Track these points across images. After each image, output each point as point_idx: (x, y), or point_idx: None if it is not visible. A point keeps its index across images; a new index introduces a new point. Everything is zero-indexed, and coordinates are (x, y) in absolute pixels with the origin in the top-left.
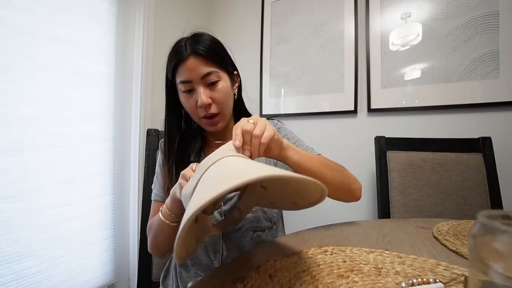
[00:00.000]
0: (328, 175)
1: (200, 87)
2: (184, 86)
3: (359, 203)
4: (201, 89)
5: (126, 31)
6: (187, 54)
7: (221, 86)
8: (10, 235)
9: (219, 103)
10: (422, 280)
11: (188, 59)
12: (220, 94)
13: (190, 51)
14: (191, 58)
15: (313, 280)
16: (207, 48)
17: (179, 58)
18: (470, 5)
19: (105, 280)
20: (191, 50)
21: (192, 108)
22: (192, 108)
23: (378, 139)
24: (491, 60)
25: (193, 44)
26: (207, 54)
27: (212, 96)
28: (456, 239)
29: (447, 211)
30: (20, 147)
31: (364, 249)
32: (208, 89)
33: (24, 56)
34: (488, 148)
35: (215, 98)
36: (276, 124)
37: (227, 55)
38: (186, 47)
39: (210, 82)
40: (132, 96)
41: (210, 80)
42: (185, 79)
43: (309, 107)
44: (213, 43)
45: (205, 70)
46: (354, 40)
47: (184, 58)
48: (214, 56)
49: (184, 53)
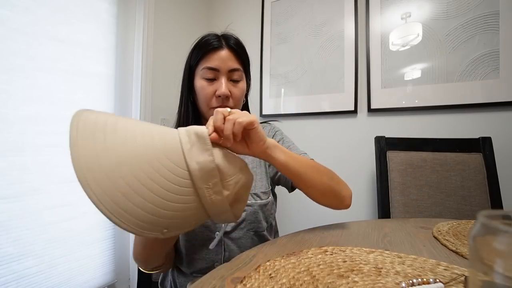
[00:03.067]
0: (316, 177)
1: (224, 78)
2: (209, 72)
3: (359, 203)
4: (223, 80)
5: (126, 31)
6: (222, 44)
7: (241, 86)
8: (10, 235)
9: (236, 99)
10: (422, 280)
11: (222, 49)
12: (239, 91)
13: (225, 43)
14: (225, 49)
15: (313, 280)
16: (241, 49)
17: (213, 46)
18: (470, 5)
19: (105, 280)
20: (226, 43)
21: (207, 96)
22: (207, 96)
23: (378, 139)
24: (491, 60)
25: (228, 39)
26: (239, 53)
27: (231, 91)
28: (456, 239)
29: (447, 211)
30: (20, 147)
31: (364, 249)
32: (230, 83)
33: (24, 56)
34: (488, 148)
35: (233, 94)
36: (274, 128)
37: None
38: (221, 40)
39: (233, 79)
40: (132, 96)
41: (234, 76)
42: (213, 66)
43: (309, 107)
44: (244, 47)
45: (234, 65)
46: (354, 40)
47: (217, 46)
48: (243, 58)
49: (219, 43)
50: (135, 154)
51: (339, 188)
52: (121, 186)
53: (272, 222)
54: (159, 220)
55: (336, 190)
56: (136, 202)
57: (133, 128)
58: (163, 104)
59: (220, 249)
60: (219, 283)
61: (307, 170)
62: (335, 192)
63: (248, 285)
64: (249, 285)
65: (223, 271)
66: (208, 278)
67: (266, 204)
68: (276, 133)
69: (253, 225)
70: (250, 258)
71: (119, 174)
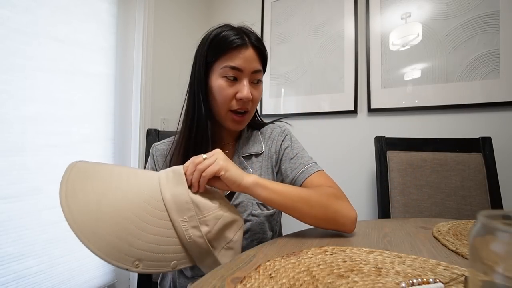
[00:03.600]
0: (305, 211)
1: (246, 80)
2: (232, 71)
3: (359, 203)
4: (246, 82)
5: (126, 31)
6: (246, 42)
7: (261, 88)
8: (10, 235)
9: (255, 102)
10: (422, 280)
11: (247, 48)
12: (259, 94)
13: (249, 41)
14: (250, 47)
15: (313, 280)
16: (263, 47)
17: (236, 43)
18: (470, 5)
19: (105, 280)
20: (249, 40)
21: (227, 97)
22: (227, 97)
23: (378, 139)
24: (491, 60)
25: (250, 36)
26: (263, 52)
27: (252, 94)
28: (456, 239)
29: (447, 211)
30: (20, 147)
31: (364, 249)
32: (252, 85)
33: (24, 56)
34: (488, 148)
35: (254, 97)
36: (284, 131)
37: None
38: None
39: (255, 80)
40: (132, 96)
41: (257, 77)
42: (237, 66)
43: (309, 107)
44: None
45: (258, 66)
46: (354, 40)
47: (244, 44)
48: (265, 59)
49: (243, 41)
50: (118, 193)
51: (335, 216)
52: (94, 211)
53: (277, 229)
54: (130, 248)
55: (331, 219)
56: (108, 226)
57: (119, 174)
58: (163, 104)
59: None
60: (219, 283)
61: (295, 204)
62: (330, 221)
63: (248, 285)
64: (249, 285)
65: (223, 271)
66: (208, 278)
67: (272, 214)
68: (285, 138)
69: (258, 235)
70: (250, 258)
71: (97, 202)
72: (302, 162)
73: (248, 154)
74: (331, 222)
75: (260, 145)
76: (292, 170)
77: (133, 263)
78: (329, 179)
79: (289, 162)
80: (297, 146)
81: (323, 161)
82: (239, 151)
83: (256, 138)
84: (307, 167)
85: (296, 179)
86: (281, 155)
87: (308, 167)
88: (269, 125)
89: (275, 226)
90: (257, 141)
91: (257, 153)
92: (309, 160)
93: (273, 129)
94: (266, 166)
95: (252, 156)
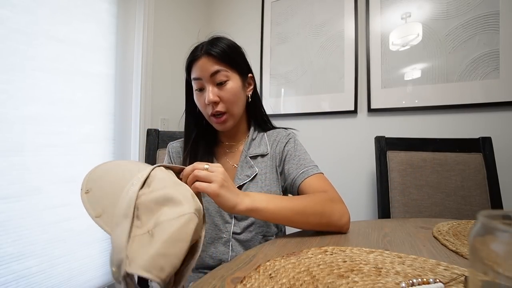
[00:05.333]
0: (301, 221)
1: (209, 85)
2: (196, 83)
3: (359, 203)
4: (210, 87)
5: (126, 31)
6: (201, 54)
7: (229, 86)
8: (10, 235)
9: (226, 102)
10: (422, 280)
11: (200, 58)
12: (227, 93)
13: (203, 51)
14: (203, 57)
15: (313, 280)
16: (220, 50)
17: (193, 57)
18: (470, 5)
19: (105, 280)
20: (204, 50)
21: (202, 106)
22: (202, 106)
23: (378, 139)
24: (491, 60)
25: (207, 45)
26: (218, 55)
27: (220, 95)
28: (456, 239)
29: (447, 211)
30: (20, 147)
31: (364, 249)
32: (217, 88)
33: (24, 56)
34: (488, 148)
35: (222, 97)
36: (289, 135)
37: (241, 58)
38: (202, 48)
39: (218, 82)
40: (132, 96)
41: (219, 79)
42: (195, 76)
43: (309, 107)
44: (228, 46)
45: (214, 68)
46: (354, 40)
47: (196, 57)
48: (225, 57)
49: (198, 53)
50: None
51: (330, 221)
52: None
53: (282, 227)
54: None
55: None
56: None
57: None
58: (163, 104)
59: (227, 249)
60: (219, 283)
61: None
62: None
63: (248, 285)
64: (249, 285)
65: (223, 271)
66: (208, 278)
67: None
68: (289, 141)
69: (262, 229)
70: (250, 258)
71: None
72: (303, 163)
73: (254, 155)
74: (326, 227)
75: (266, 147)
76: (293, 170)
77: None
78: (326, 182)
79: (291, 163)
80: (300, 148)
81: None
82: (246, 151)
83: (263, 140)
84: (307, 169)
85: (296, 179)
86: (284, 156)
87: (308, 168)
88: (276, 129)
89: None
90: (263, 143)
91: (262, 154)
92: (310, 163)
93: (279, 132)
94: (271, 165)
95: (258, 156)
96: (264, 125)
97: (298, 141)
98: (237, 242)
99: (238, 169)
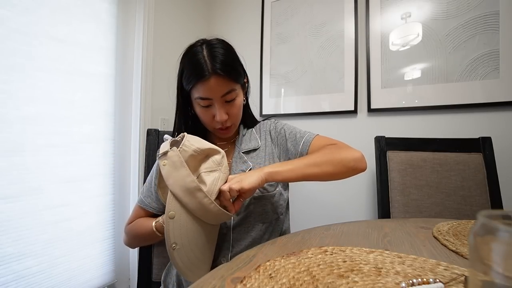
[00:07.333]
0: (318, 172)
1: (218, 104)
2: (203, 102)
3: (359, 203)
4: (220, 107)
5: (126, 31)
6: (209, 74)
7: (237, 102)
8: (10, 235)
9: (234, 117)
10: (422, 280)
11: (210, 79)
12: (236, 109)
13: (211, 70)
14: (212, 78)
15: (313, 280)
16: (227, 66)
17: (200, 77)
18: (470, 5)
19: (105, 280)
20: (212, 69)
21: (208, 120)
22: (208, 120)
23: (378, 139)
24: (491, 60)
25: (213, 61)
26: (228, 74)
27: (228, 112)
28: (456, 239)
29: (447, 211)
30: (20, 147)
31: (364, 249)
32: (226, 105)
33: (24, 56)
34: (488, 148)
35: (231, 113)
36: (274, 121)
37: (241, 66)
38: (207, 64)
39: (229, 100)
40: (132, 96)
41: (230, 98)
42: (205, 97)
43: (309, 107)
44: (231, 58)
45: (225, 89)
46: (354, 40)
47: (206, 77)
48: (232, 73)
49: (206, 73)
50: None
51: (343, 164)
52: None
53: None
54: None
55: (341, 169)
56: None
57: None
58: (163, 104)
59: (227, 245)
60: (219, 283)
61: (306, 171)
62: (341, 170)
63: (248, 285)
64: (249, 285)
65: (223, 271)
66: (208, 278)
67: (273, 195)
68: (276, 125)
69: (261, 216)
70: (250, 258)
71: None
72: (300, 135)
73: (247, 150)
74: (343, 171)
75: (257, 141)
76: (294, 146)
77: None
78: (326, 138)
79: (289, 141)
80: (288, 126)
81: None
82: (239, 147)
83: (252, 136)
84: (305, 137)
85: (302, 152)
86: (279, 139)
87: (306, 137)
88: (260, 122)
89: (278, 208)
90: (253, 138)
91: (255, 148)
92: (304, 132)
93: (263, 124)
94: (269, 154)
95: (251, 151)
96: (250, 121)
97: (282, 122)
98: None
99: (232, 164)
